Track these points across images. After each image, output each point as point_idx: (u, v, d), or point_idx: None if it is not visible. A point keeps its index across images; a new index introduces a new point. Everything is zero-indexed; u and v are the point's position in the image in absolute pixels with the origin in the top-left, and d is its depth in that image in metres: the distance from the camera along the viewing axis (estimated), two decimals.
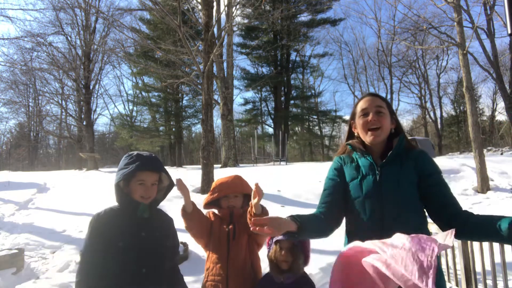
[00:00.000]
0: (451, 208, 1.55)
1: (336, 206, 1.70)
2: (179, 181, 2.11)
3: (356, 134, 1.76)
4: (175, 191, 2.20)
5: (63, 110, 24.65)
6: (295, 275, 2.00)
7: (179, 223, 2.16)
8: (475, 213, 1.49)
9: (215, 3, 14.52)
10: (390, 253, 1.22)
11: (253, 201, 1.76)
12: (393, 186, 1.59)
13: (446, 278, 3.86)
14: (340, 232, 1.89)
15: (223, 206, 2.27)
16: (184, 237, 5.55)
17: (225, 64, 19.24)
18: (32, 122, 33.61)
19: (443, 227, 1.54)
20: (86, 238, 1.82)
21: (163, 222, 1.99)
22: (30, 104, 32.03)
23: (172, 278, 1.95)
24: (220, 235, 2.21)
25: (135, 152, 1.93)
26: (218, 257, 2.17)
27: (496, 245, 2.94)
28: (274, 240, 2.06)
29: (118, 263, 1.76)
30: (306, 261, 2.07)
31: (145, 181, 1.85)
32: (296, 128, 34.64)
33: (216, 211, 2.36)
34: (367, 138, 1.67)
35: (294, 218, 1.48)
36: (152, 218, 1.91)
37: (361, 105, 1.71)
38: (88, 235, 1.81)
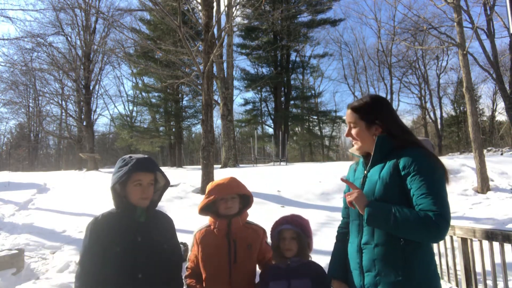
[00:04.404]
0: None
1: None
2: None
3: None
4: (175, 192, 2.21)
5: (63, 111, 24.71)
6: (301, 261, 2.04)
7: (179, 223, 2.15)
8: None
9: (215, 4, 14.52)
10: None
11: None
12: (371, 189, 1.59)
13: (446, 278, 3.86)
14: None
15: (221, 210, 2.14)
16: (184, 237, 5.55)
17: (225, 65, 19.25)
18: (32, 123, 33.63)
19: None
20: (85, 243, 1.82)
21: (161, 225, 1.98)
22: (30, 104, 32.11)
23: (172, 282, 1.94)
24: (219, 256, 2.06)
25: (128, 155, 1.93)
26: (217, 281, 2.04)
27: (496, 245, 2.94)
28: (278, 229, 2.09)
29: (115, 268, 1.77)
30: (310, 246, 2.12)
31: (142, 181, 1.85)
32: (296, 129, 34.60)
33: (209, 223, 2.21)
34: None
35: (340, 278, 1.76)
36: (149, 222, 1.90)
37: None
38: (87, 240, 1.81)
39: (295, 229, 2.05)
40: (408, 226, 1.43)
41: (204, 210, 2.18)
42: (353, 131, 1.72)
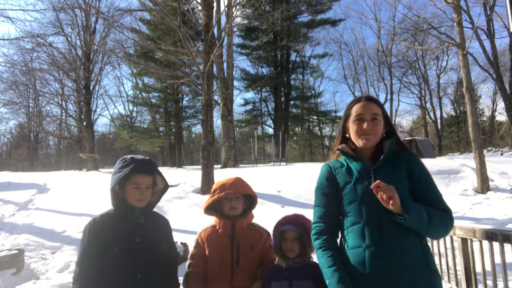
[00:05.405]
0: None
1: (335, 218, 1.71)
2: None
3: (348, 136, 1.74)
4: (175, 192, 2.20)
5: (63, 111, 24.71)
6: (304, 262, 2.03)
7: (179, 223, 2.15)
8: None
9: (215, 4, 14.53)
10: None
11: None
12: None
13: (446, 278, 3.86)
14: None
15: (225, 211, 2.16)
16: (184, 237, 5.56)
17: (225, 65, 19.26)
18: (32, 123, 33.59)
19: None
20: (83, 244, 1.80)
21: (159, 226, 1.98)
22: (30, 104, 32.11)
23: (168, 282, 1.95)
24: (222, 258, 2.08)
25: (129, 156, 1.93)
26: (219, 281, 2.07)
27: (496, 245, 2.94)
28: (280, 230, 2.08)
29: (115, 269, 1.76)
30: (312, 247, 2.07)
31: (140, 184, 1.85)
32: (296, 129, 34.60)
33: (214, 223, 2.23)
34: (360, 142, 1.67)
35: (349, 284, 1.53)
36: (147, 223, 1.91)
37: (356, 109, 1.69)
38: (85, 241, 1.80)
39: (297, 230, 2.04)
40: (435, 222, 1.50)
41: (209, 210, 2.19)
42: (376, 125, 1.65)
